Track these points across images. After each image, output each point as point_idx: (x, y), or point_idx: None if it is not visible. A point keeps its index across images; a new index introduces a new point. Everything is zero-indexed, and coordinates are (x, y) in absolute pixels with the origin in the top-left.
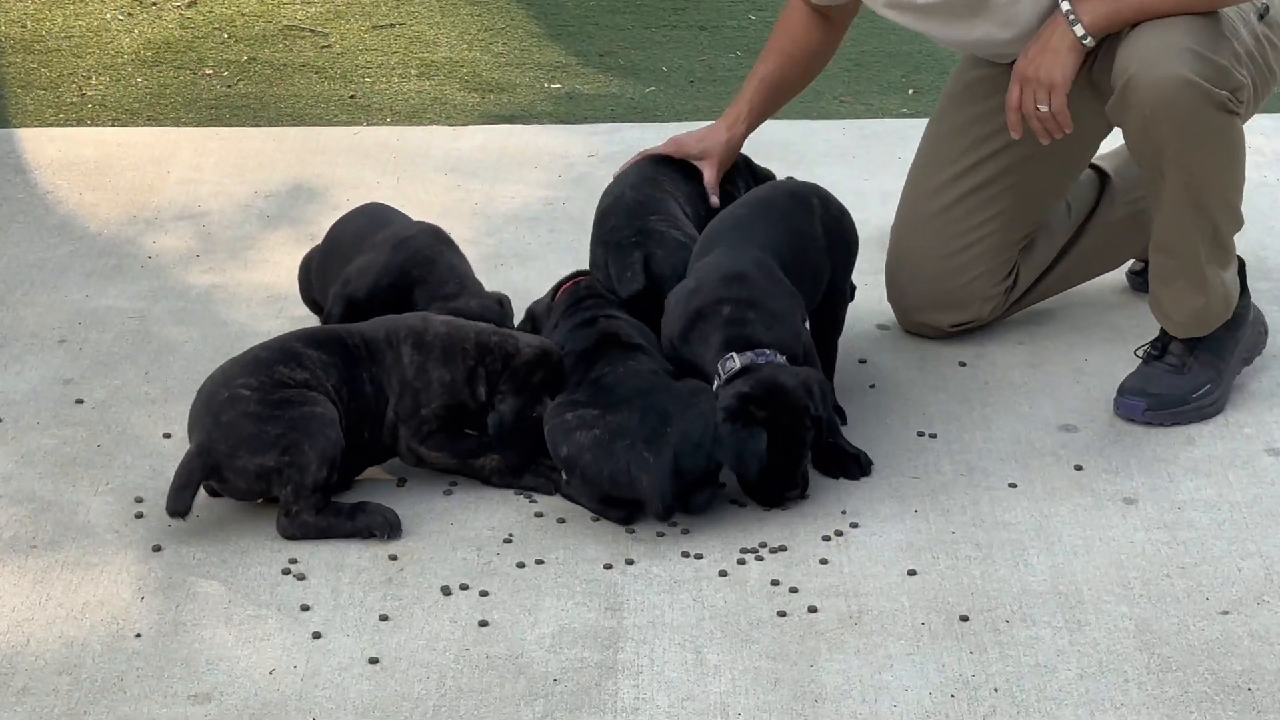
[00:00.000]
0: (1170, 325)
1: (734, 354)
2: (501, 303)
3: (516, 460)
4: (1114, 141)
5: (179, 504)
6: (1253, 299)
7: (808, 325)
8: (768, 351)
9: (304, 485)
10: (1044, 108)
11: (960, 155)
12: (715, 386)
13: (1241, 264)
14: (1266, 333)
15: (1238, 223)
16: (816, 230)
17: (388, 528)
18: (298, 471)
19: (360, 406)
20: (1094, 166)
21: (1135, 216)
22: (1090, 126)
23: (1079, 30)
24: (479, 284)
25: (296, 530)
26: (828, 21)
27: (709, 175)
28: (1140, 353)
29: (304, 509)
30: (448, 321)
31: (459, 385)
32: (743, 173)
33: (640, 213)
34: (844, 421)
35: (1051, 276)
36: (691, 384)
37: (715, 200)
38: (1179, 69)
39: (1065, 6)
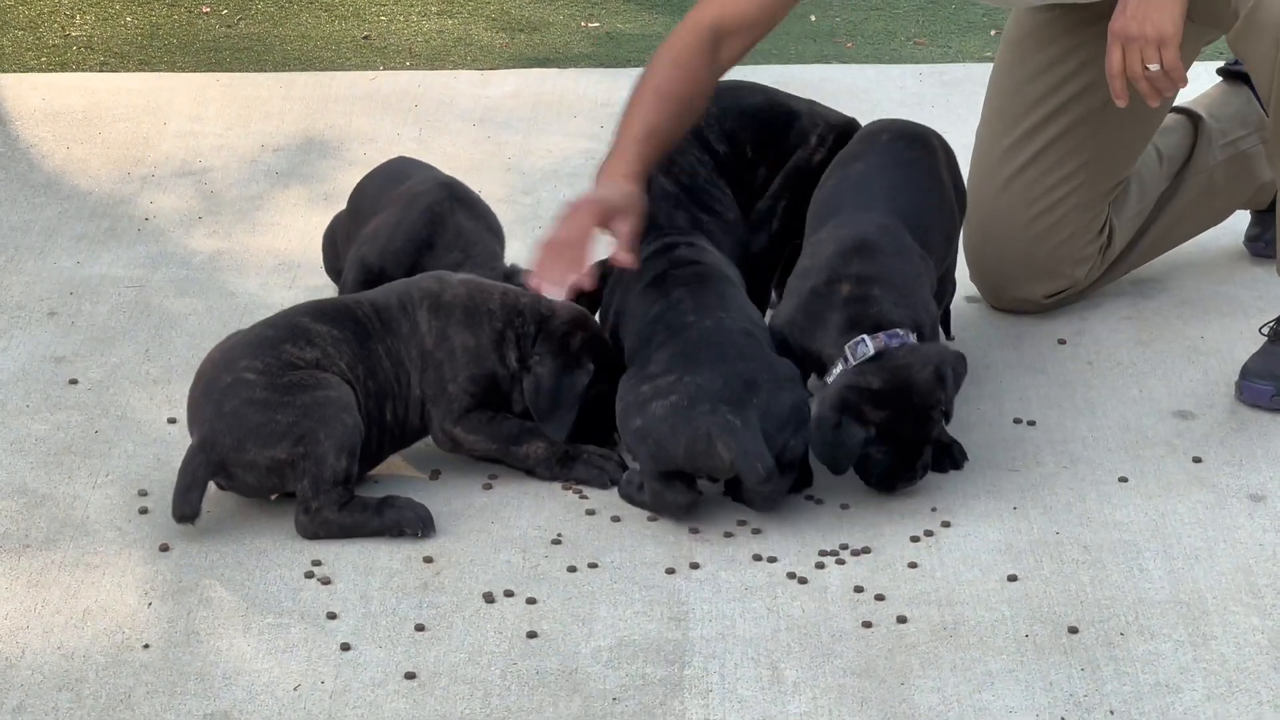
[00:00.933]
0: None
1: (866, 336)
2: (511, 276)
3: (559, 434)
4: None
5: (186, 507)
6: None
7: None
8: (900, 332)
9: (322, 478)
10: (1154, 66)
11: (1032, 108)
12: (839, 370)
13: None
14: None
15: None
16: (944, 177)
17: (419, 524)
18: (314, 463)
19: (379, 385)
20: (1183, 110)
21: (1237, 160)
22: None
23: None
24: (492, 249)
25: (318, 529)
26: (718, 56)
27: (627, 231)
28: (1265, 330)
29: (324, 505)
30: (467, 280)
31: (485, 351)
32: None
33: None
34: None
35: (1152, 233)
36: (784, 364)
37: (631, 258)
38: None
39: None
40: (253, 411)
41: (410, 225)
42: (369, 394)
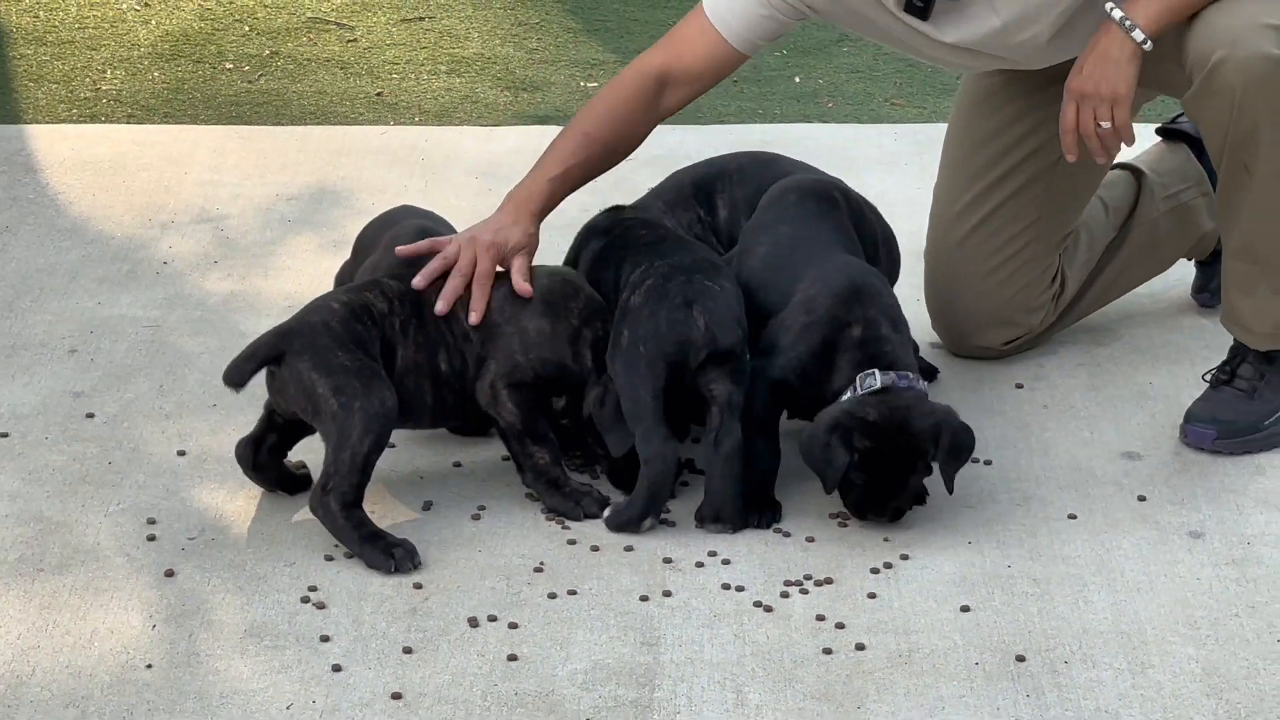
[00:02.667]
0: (1250, 338)
1: (876, 370)
2: None
3: (618, 449)
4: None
5: (238, 375)
6: None
7: None
8: (910, 375)
9: (343, 450)
10: (1106, 124)
11: (985, 170)
12: (845, 399)
13: None
14: None
15: None
16: (850, 228)
17: (390, 565)
18: (338, 425)
19: (429, 336)
20: (1126, 166)
21: (1177, 211)
22: None
23: (1138, 35)
24: None
25: (318, 510)
26: (659, 103)
27: (522, 264)
28: (1208, 377)
29: (334, 491)
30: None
31: (560, 342)
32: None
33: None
34: None
35: (1102, 280)
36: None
37: (527, 288)
38: (1268, 47)
39: (1118, 14)
40: (325, 336)
41: (389, 265)
42: (418, 345)
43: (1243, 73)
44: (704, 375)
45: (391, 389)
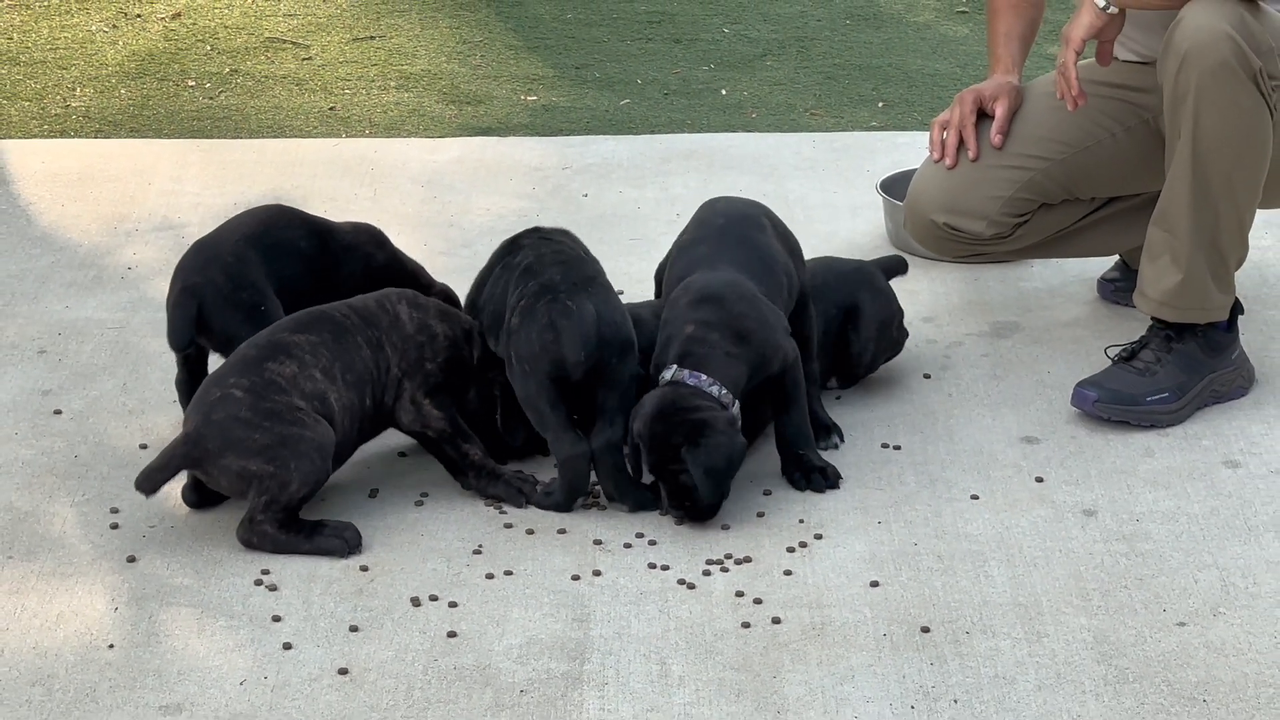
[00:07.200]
0: (1143, 301)
1: (675, 365)
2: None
3: (514, 440)
4: None
5: (150, 484)
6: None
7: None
8: (704, 377)
9: (278, 500)
10: (1061, 60)
11: (1104, 73)
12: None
13: (1238, 306)
14: (1251, 382)
15: (1240, 236)
16: (775, 244)
17: (345, 548)
18: (278, 485)
19: (358, 374)
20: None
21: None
22: (1151, 160)
23: (1101, 1)
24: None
25: (254, 538)
26: None
27: (1002, 111)
28: (1111, 353)
29: (267, 520)
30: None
31: (460, 341)
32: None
33: None
34: (843, 440)
35: (1067, 240)
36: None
37: (1000, 139)
38: (1225, 25)
39: None
40: (236, 426)
41: (289, 320)
42: (348, 384)
43: (1193, 34)
44: (590, 383)
45: (321, 422)
